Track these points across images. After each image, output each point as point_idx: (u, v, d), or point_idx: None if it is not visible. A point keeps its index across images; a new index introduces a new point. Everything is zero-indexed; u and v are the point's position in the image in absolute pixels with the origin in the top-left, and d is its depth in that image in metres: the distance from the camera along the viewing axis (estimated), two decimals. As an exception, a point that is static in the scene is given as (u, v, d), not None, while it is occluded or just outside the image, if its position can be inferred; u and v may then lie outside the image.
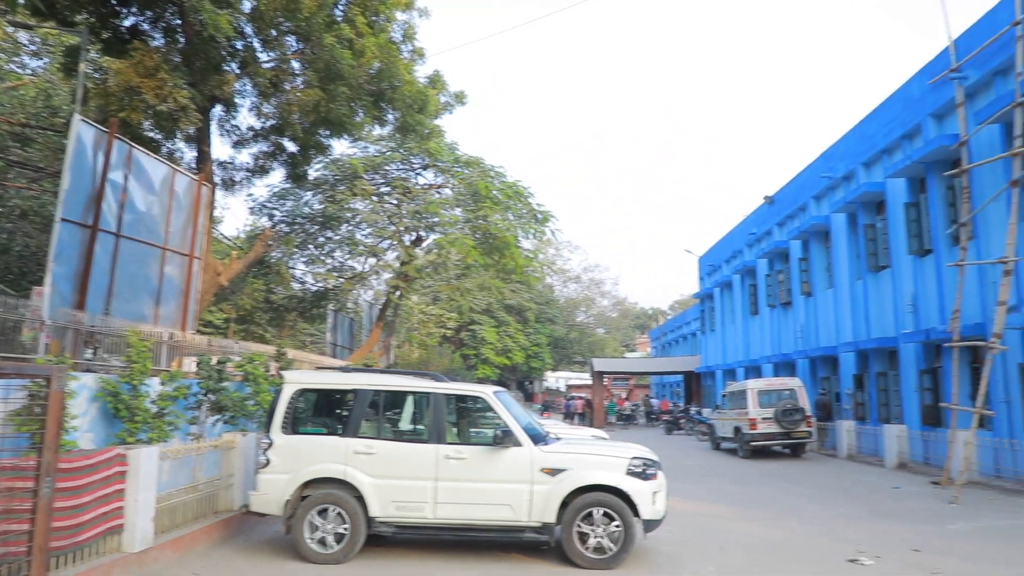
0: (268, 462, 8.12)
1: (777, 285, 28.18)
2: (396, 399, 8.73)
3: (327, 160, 23.44)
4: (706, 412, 31.00)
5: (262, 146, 19.27)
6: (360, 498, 7.91)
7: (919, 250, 18.27)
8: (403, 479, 7.97)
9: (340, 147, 35.90)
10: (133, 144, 12.52)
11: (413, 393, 8.66)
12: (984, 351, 13.92)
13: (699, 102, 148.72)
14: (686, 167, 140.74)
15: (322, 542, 7.84)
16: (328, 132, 18.12)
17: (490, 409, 8.29)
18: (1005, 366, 14.90)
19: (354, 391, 8.41)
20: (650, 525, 8.03)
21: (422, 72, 19.09)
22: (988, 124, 14.70)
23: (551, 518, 7.81)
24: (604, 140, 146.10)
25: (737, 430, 21.27)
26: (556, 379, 75.18)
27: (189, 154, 18.55)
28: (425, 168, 24.88)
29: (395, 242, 24.95)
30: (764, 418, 20.24)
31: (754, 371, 30.08)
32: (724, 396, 23.49)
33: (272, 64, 16.69)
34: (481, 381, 29.02)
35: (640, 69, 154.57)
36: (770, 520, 10.78)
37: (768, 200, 29.28)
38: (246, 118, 19.17)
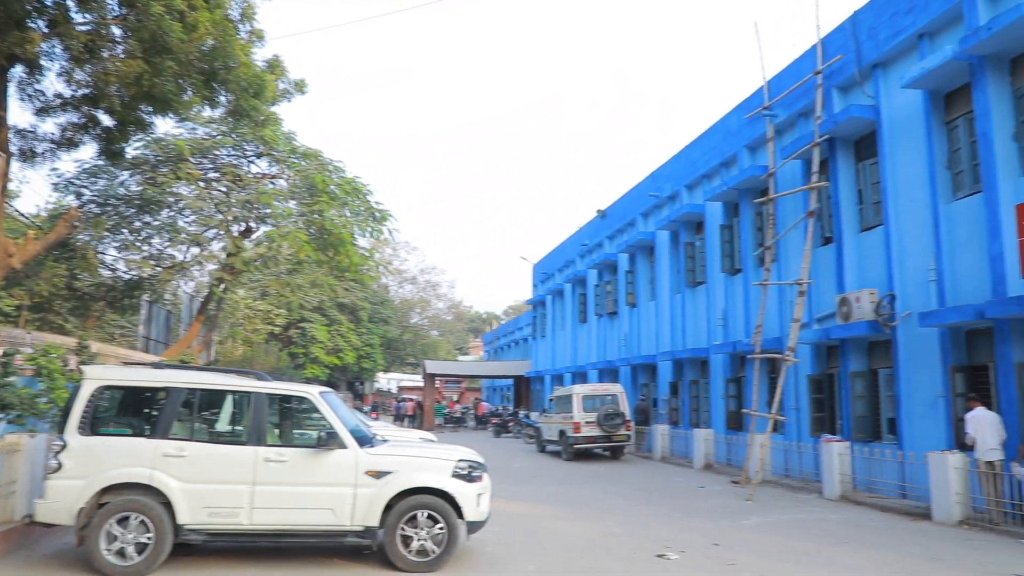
0: (60, 466, 7.32)
1: (605, 295, 29.61)
2: (213, 398, 8.20)
3: (149, 139, 21.60)
4: (534, 416, 31.88)
5: (72, 116, 17.38)
6: (168, 504, 7.34)
7: (730, 269, 19.92)
8: (217, 483, 7.49)
9: (164, 126, 33.35)
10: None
11: (232, 392, 8.18)
12: (780, 363, 15.43)
13: (547, 108, 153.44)
14: (532, 174, 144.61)
15: (121, 553, 7.18)
16: (151, 108, 16.67)
17: (315, 410, 8.00)
18: (797, 377, 16.58)
19: (166, 389, 7.80)
20: (474, 526, 8.10)
21: (261, 55, 18.15)
22: (792, 159, 16.32)
23: (374, 522, 7.66)
24: (455, 144, 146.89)
25: (562, 433, 22.05)
26: (388, 380, 74.36)
27: (-20, 118, 16.38)
28: (259, 156, 23.63)
29: (222, 232, 23.47)
30: (587, 422, 21.13)
31: (581, 377, 31.35)
32: (551, 400, 24.28)
33: (88, 27, 15.14)
34: (309, 381, 27.98)
35: (468, 71, 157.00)
36: (589, 519, 11.25)
37: (600, 214, 30.73)
38: (54, 84, 17.13)
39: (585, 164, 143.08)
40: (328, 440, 7.70)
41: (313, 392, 8.11)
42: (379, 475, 7.74)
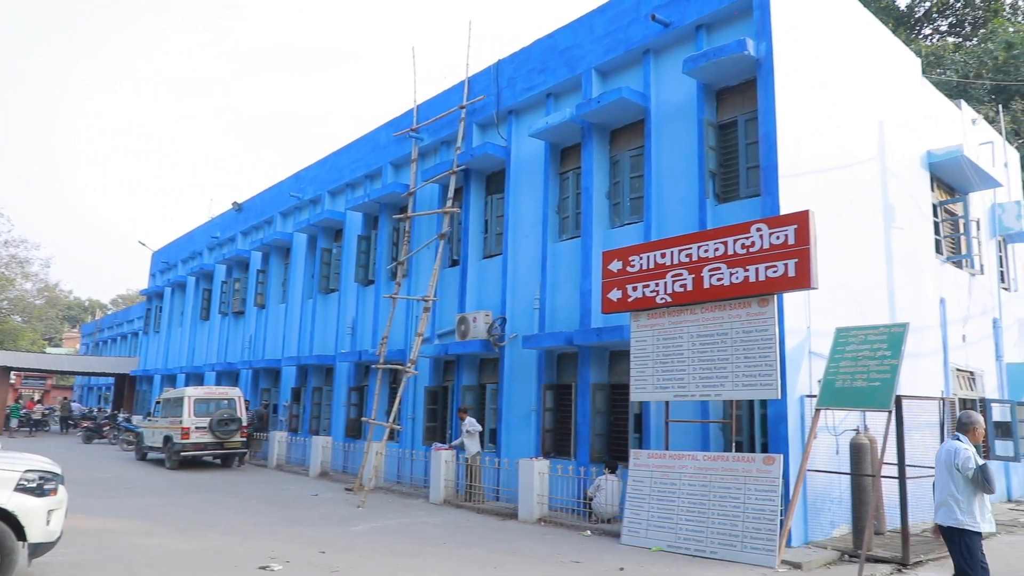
0: None
1: (233, 293, 27.95)
2: None
3: None
4: (136, 420, 28.65)
5: None
6: None
7: (364, 279, 20.31)
8: None
9: None
10: None
11: None
12: (402, 374, 16.13)
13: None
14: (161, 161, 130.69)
15: None
16: None
17: None
18: (416, 388, 17.50)
19: None
20: (41, 548, 6.90)
21: None
22: (431, 182, 17.32)
23: None
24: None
25: (167, 439, 20.15)
26: (-59, 373, 60.39)
27: None
28: None
29: None
30: (198, 427, 19.69)
31: (197, 378, 29.07)
32: (158, 403, 22.09)
33: None
34: None
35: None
36: (188, 532, 10.40)
37: (236, 207, 29.03)
38: None
39: (226, 155, 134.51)
40: None
41: None
42: (-93, 491, 6.17)
